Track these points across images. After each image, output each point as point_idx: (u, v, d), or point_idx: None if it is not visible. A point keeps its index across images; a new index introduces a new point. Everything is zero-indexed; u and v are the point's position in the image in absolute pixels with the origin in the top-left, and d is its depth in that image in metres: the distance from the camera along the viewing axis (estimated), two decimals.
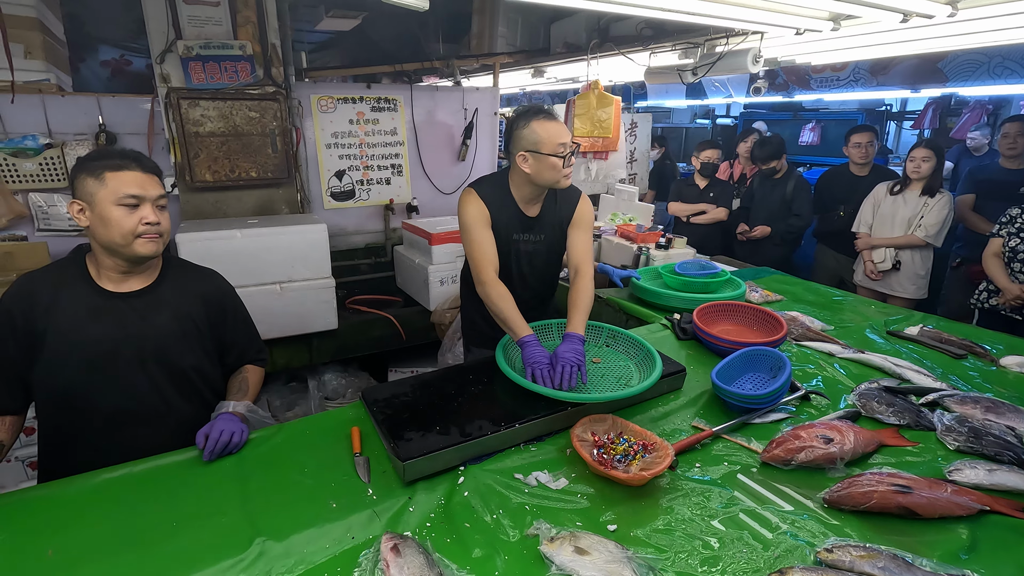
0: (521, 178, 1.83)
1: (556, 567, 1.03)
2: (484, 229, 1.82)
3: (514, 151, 1.79)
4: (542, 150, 1.72)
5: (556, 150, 1.72)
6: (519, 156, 1.76)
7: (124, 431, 1.40)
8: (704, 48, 2.83)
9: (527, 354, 1.61)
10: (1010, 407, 1.53)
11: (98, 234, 1.32)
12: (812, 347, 1.99)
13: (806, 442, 1.33)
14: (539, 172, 1.76)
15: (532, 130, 1.73)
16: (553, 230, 1.96)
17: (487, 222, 1.83)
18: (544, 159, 1.73)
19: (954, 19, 1.84)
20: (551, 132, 1.73)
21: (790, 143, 7.23)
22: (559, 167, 1.75)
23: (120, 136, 2.88)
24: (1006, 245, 2.80)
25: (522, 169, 1.77)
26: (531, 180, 1.80)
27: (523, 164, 1.76)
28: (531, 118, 1.74)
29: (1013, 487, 1.22)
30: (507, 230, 1.88)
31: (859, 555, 1.04)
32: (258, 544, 1.09)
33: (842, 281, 3.74)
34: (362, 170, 3.47)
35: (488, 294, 1.77)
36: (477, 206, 1.83)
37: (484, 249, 1.81)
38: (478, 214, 1.82)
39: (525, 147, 1.75)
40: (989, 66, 4.09)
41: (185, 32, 2.63)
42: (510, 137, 1.81)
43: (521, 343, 1.65)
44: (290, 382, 3.11)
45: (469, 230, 1.83)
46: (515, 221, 1.88)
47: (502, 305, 1.73)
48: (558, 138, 1.73)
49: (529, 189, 1.85)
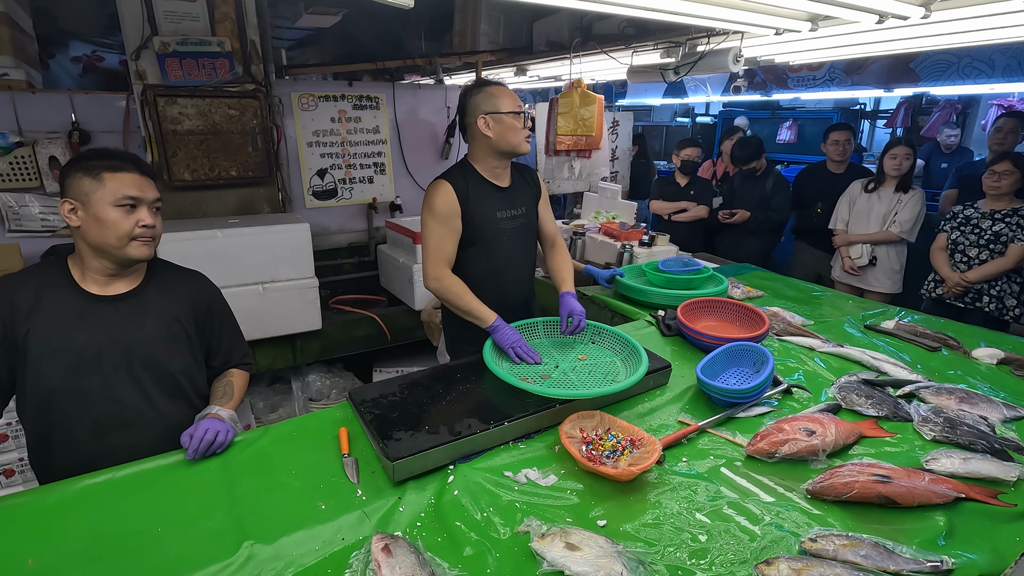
0: (484, 149, 1.81)
1: (547, 563, 1.03)
2: (446, 223, 1.78)
3: (472, 119, 1.78)
4: (502, 109, 1.74)
5: (515, 109, 1.75)
6: (480, 120, 1.75)
7: (110, 436, 1.37)
8: (686, 47, 2.86)
9: (501, 337, 1.66)
10: (983, 397, 1.58)
11: (90, 235, 1.29)
12: (793, 342, 2.03)
13: (789, 435, 1.36)
14: (501, 135, 1.76)
15: (488, 94, 1.76)
16: (528, 206, 1.96)
17: (455, 215, 1.79)
18: (504, 119, 1.74)
19: (927, 20, 1.89)
20: (507, 95, 1.77)
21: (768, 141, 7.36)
22: (518, 128, 1.77)
23: (94, 134, 2.82)
24: (949, 239, 3.01)
25: (484, 135, 1.76)
26: (494, 147, 1.79)
27: (485, 128, 1.76)
28: (484, 85, 1.78)
29: (987, 475, 1.26)
30: (489, 209, 1.84)
31: (842, 544, 1.06)
32: (246, 548, 1.08)
33: (820, 277, 3.81)
34: (344, 169, 3.44)
35: (446, 288, 1.77)
36: (445, 197, 1.78)
37: (442, 244, 1.79)
38: (444, 206, 1.77)
39: (485, 109, 1.75)
40: (959, 66, 4.21)
41: (161, 28, 2.57)
42: (465, 109, 1.81)
43: (491, 329, 1.69)
44: (273, 383, 3.07)
45: (429, 222, 1.79)
46: (493, 197, 1.85)
47: (464, 297, 1.74)
48: (515, 101, 1.77)
49: (494, 159, 1.83)
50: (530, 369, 1.66)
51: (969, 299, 2.97)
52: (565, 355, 1.76)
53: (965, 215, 3.00)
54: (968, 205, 3.04)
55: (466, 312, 1.75)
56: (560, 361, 1.72)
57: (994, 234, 2.87)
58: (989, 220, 2.91)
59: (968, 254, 2.95)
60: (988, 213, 2.92)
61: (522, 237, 1.96)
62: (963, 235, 2.97)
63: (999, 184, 2.86)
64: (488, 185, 1.85)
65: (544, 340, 1.84)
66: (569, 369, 1.67)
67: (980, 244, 2.91)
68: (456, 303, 1.77)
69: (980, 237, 2.91)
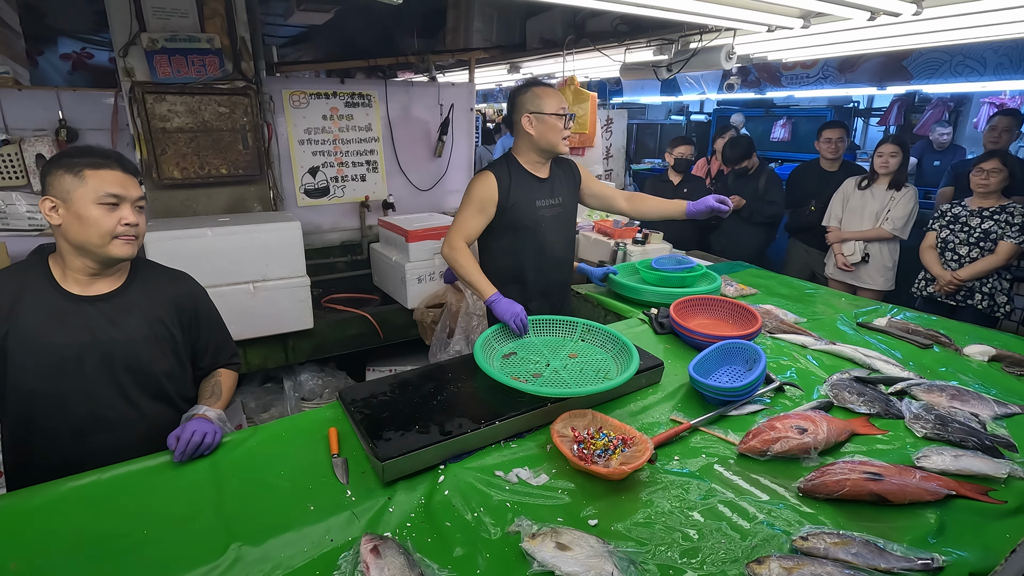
0: (526, 144, 2.00)
1: (538, 563, 1.03)
2: (479, 207, 1.97)
3: (518, 117, 1.97)
4: (545, 110, 1.92)
5: (558, 111, 1.93)
6: (524, 118, 1.94)
7: (93, 439, 1.36)
8: (678, 45, 2.85)
9: (500, 309, 1.80)
10: (974, 394, 1.59)
11: (71, 233, 1.27)
12: (786, 339, 2.03)
13: (781, 433, 1.36)
14: (543, 134, 1.95)
15: (535, 94, 1.94)
16: (566, 195, 2.14)
17: (488, 202, 1.97)
18: (547, 119, 1.92)
19: (919, 17, 1.89)
20: (552, 96, 1.94)
21: (762, 139, 7.37)
22: (560, 128, 1.94)
23: (82, 132, 2.79)
24: (939, 237, 3.02)
25: (527, 132, 1.96)
26: (535, 144, 1.98)
27: (528, 126, 1.95)
28: (532, 85, 1.96)
29: (977, 472, 1.26)
30: (529, 198, 2.02)
31: (833, 542, 1.06)
32: (234, 549, 1.06)
33: (814, 274, 3.83)
34: (336, 167, 3.42)
35: (456, 258, 1.94)
36: (486, 185, 1.97)
37: (469, 222, 1.98)
38: (482, 192, 1.97)
39: (530, 109, 1.94)
40: (951, 64, 4.22)
41: (150, 24, 2.55)
42: (513, 106, 2.00)
43: (490, 301, 1.84)
44: (265, 383, 3.05)
45: (466, 201, 1.99)
46: (533, 187, 2.03)
47: (469, 268, 1.92)
48: (559, 102, 1.94)
49: (535, 155, 2.02)
50: (521, 368, 1.65)
51: (961, 297, 2.98)
52: (556, 354, 1.75)
53: (954, 213, 3.02)
54: (956, 203, 3.05)
55: (469, 283, 1.92)
56: (551, 359, 1.71)
57: (983, 232, 2.89)
58: (978, 218, 2.92)
59: (958, 252, 2.97)
60: (976, 211, 2.94)
61: (561, 224, 2.14)
62: (952, 233, 2.98)
63: (987, 182, 2.87)
64: (529, 176, 2.04)
65: (534, 339, 1.83)
66: (560, 367, 1.66)
67: (970, 242, 2.92)
68: (461, 272, 1.94)
69: (969, 235, 2.93)
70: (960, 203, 3.04)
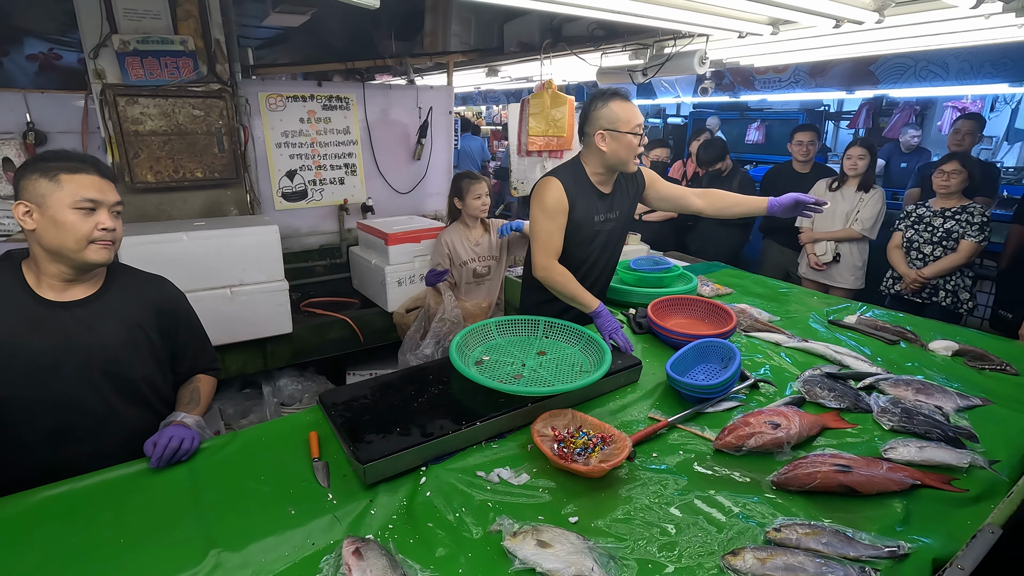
0: (597, 158, 1.92)
1: (519, 561, 1.04)
2: (555, 219, 1.91)
3: (592, 130, 1.88)
4: (621, 128, 1.83)
5: (634, 129, 1.84)
6: (598, 134, 1.86)
7: (69, 447, 1.33)
8: (653, 49, 2.90)
9: (602, 323, 1.85)
10: (938, 388, 1.65)
11: (46, 238, 1.25)
12: (760, 337, 2.08)
13: (755, 428, 1.39)
14: (615, 151, 1.87)
15: (611, 109, 1.84)
16: (624, 208, 2.09)
17: (564, 212, 1.91)
18: (622, 137, 1.84)
19: (882, 25, 1.96)
20: (630, 112, 1.84)
21: (737, 141, 7.52)
22: (634, 146, 1.86)
23: (51, 135, 2.73)
24: (904, 237, 3.14)
25: (599, 148, 1.88)
26: (606, 160, 1.90)
27: (600, 142, 1.86)
28: (610, 98, 1.84)
29: (941, 462, 1.31)
30: (589, 213, 1.97)
31: (804, 532, 1.10)
32: (213, 556, 1.06)
33: (788, 274, 3.91)
34: (314, 170, 3.39)
35: (553, 278, 1.91)
36: (556, 195, 1.90)
37: (553, 238, 1.92)
38: (554, 203, 1.90)
39: (604, 125, 1.85)
40: (915, 69, 4.36)
41: (121, 26, 2.50)
42: (587, 117, 1.90)
43: (595, 314, 1.87)
44: (244, 388, 3.01)
45: (540, 216, 1.92)
46: (594, 202, 1.97)
47: (570, 285, 1.89)
48: (636, 119, 1.85)
49: (603, 169, 1.94)
50: (500, 371, 1.66)
51: (926, 294, 3.08)
52: (526, 352, 1.76)
53: (918, 214, 3.13)
54: (921, 204, 3.16)
55: (571, 298, 1.90)
56: (524, 359, 1.72)
57: (946, 231, 2.99)
58: (940, 218, 3.03)
59: (923, 251, 3.07)
60: (939, 211, 3.05)
61: (614, 236, 2.12)
62: (917, 233, 3.09)
63: (948, 183, 2.98)
64: (593, 190, 1.97)
65: (500, 340, 1.84)
66: (536, 366, 1.68)
67: (933, 241, 3.03)
68: (562, 291, 1.91)
69: (933, 235, 3.03)
70: (924, 204, 3.15)
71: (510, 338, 1.85)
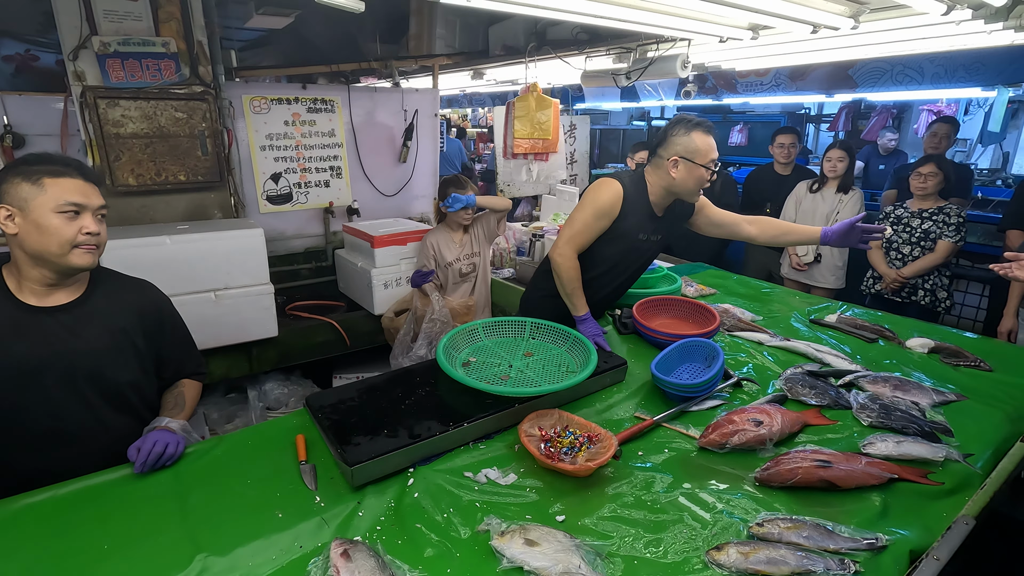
0: (662, 181, 1.89)
1: (507, 560, 1.05)
2: (598, 219, 1.89)
3: (666, 154, 1.83)
4: (697, 160, 1.79)
5: (709, 163, 1.80)
6: (671, 160, 1.82)
7: (54, 453, 1.31)
8: (636, 53, 2.94)
9: (586, 328, 1.87)
10: (915, 384, 1.69)
11: (29, 242, 1.23)
12: (743, 337, 2.11)
13: (739, 426, 1.42)
14: (684, 181, 1.83)
15: (692, 139, 1.80)
16: (668, 231, 2.09)
17: (610, 218, 1.89)
18: (695, 169, 1.80)
19: (857, 31, 2.01)
20: (709, 146, 1.80)
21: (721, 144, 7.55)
22: (705, 180, 1.83)
23: (29, 137, 2.69)
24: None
25: (669, 174, 1.84)
26: (672, 186, 1.87)
27: (672, 168, 1.83)
28: (694, 128, 1.81)
29: (918, 456, 1.35)
30: (635, 229, 1.95)
31: (786, 527, 1.12)
32: (199, 561, 1.05)
33: (770, 274, 3.97)
34: (299, 173, 3.38)
35: (566, 268, 1.90)
36: (612, 199, 1.88)
37: (586, 233, 1.91)
38: (606, 206, 1.88)
39: (681, 153, 1.81)
40: (892, 73, 4.46)
41: (101, 27, 2.47)
42: (664, 140, 1.86)
43: (580, 319, 1.90)
44: (229, 393, 2.98)
45: (587, 208, 1.90)
46: (644, 220, 1.95)
47: (574, 283, 1.90)
48: (713, 153, 1.81)
49: (665, 194, 1.91)
50: (487, 372, 1.67)
51: (906, 293, 3.15)
52: (513, 354, 1.78)
53: (897, 214, 3.20)
54: (899, 205, 3.24)
55: (568, 294, 1.91)
56: (511, 360, 1.74)
57: (924, 232, 3.06)
58: (918, 219, 3.10)
59: (902, 251, 3.14)
60: (917, 212, 3.12)
61: (648, 255, 2.13)
62: (896, 233, 3.16)
63: (925, 185, 3.05)
64: (647, 207, 1.94)
65: (487, 342, 1.85)
66: (524, 367, 1.69)
67: (912, 241, 3.10)
68: (565, 283, 1.91)
69: (911, 235, 3.10)
70: (902, 205, 3.22)
71: (497, 339, 1.86)
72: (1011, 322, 2.52)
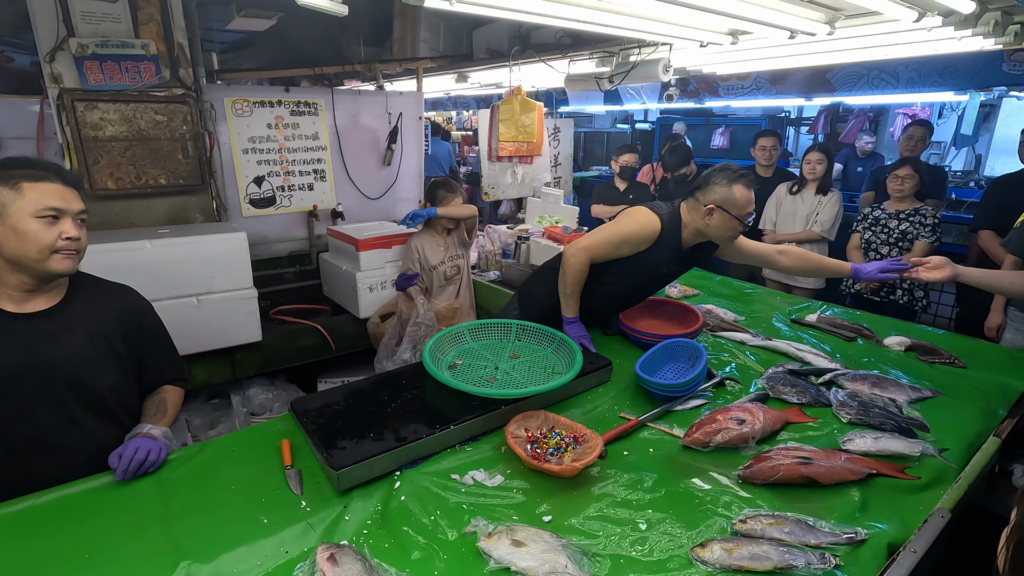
0: (696, 223, 1.90)
1: (494, 561, 1.05)
2: (622, 243, 1.91)
3: (705, 200, 1.85)
4: (733, 211, 1.82)
5: (743, 216, 1.84)
6: (707, 207, 1.84)
7: (31, 461, 1.29)
8: (619, 57, 2.97)
9: (572, 330, 1.92)
10: (892, 382, 1.73)
11: (7, 248, 1.21)
12: (726, 337, 2.14)
13: (722, 425, 1.44)
14: (718, 228, 1.86)
15: (733, 191, 1.81)
16: (690, 264, 2.13)
17: (635, 247, 1.91)
18: (729, 220, 1.83)
19: (833, 37, 2.05)
20: (747, 200, 1.83)
21: (703, 146, 7.68)
22: (737, 231, 1.89)
23: (5, 140, 2.64)
24: (862, 238, 3.27)
25: (703, 219, 1.86)
26: (704, 230, 1.89)
27: (708, 215, 1.85)
28: (736, 180, 1.83)
29: (895, 451, 1.38)
30: (659, 262, 1.97)
31: (769, 523, 1.14)
32: (183, 568, 1.04)
33: (752, 275, 4.02)
34: (283, 176, 3.35)
35: (574, 270, 1.92)
36: (648, 235, 1.89)
37: (606, 248, 1.93)
38: (638, 237, 1.90)
39: (718, 202, 1.82)
40: (868, 77, 4.56)
41: (78, 29, 2.43)
42: (706, 185, 1.87)
43: (569, 320, 1.95)
44: (212, 399, 2.94)
45: (619, 233, 1.92)
46: (670, 255, 1.96)
47: (575, 288, 1.94)
48: (750, 207, 1.85)
49: (697, 234, 1.93)
50: (473, 374, 1.68)
51: (884, 293, 3.21)
52: (499, 356, 1.78)
53: (874, 216, 3.26)
54: (877, 206, 3.30)
55: (566, 295, 1.95)
56: (497, 362, 1.74)
57: (901, 232, 3.13)
58: (895, 220, 3.17)
59: (880, 252, 3.20)
60: (894, 213, 3.19)
61: (663, 283, 2.21)
62: (874, 234, 3.23)
63: (902, 187, 3.12)
64: (677, 243, 1.95)
65: (473, 344, 1.86)
66: (510, 368, 1.70)
67: (890, 242, 3.17)
68: (567, 284, 1.94)
69: (889, 236, 3.17)
70: (880, 206, 3.28)
71: (483, 342, 1.86)
72: (999, 318, 2.56)
